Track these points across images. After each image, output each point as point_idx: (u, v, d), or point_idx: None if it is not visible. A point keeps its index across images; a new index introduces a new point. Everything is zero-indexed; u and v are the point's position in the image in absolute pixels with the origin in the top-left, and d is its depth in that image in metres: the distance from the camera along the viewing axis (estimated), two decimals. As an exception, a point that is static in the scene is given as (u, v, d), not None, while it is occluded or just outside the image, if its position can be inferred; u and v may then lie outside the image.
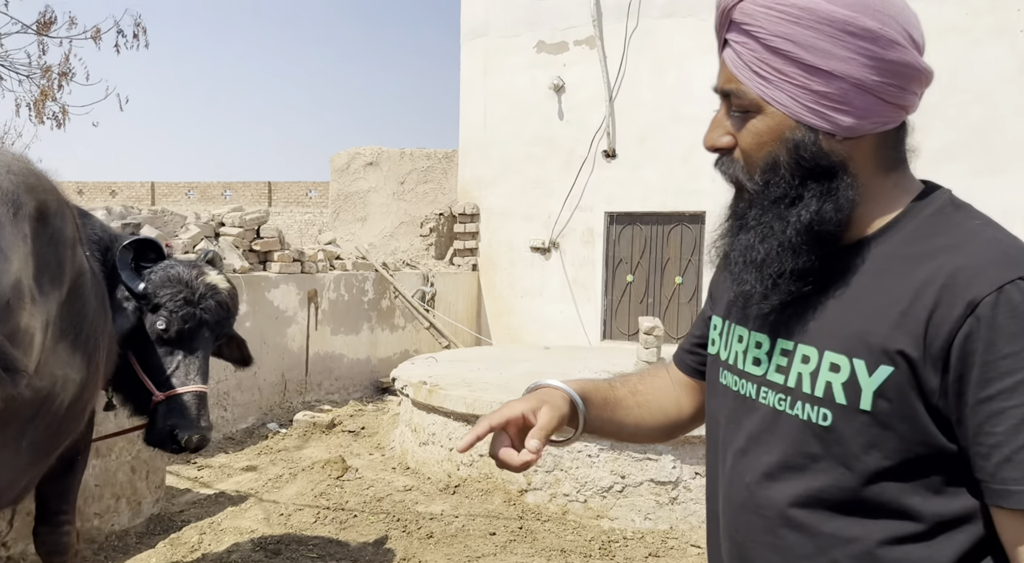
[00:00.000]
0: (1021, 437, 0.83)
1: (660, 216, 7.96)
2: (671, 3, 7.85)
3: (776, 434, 1.00)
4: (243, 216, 6.20)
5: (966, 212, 0.97)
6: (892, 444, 0.90)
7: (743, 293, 1.00)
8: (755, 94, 0.95)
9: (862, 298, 0.94)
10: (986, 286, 0.85)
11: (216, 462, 5.20)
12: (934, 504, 0.91)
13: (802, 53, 0.92)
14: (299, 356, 6.49)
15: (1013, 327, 0.84)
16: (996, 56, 6.65)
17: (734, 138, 0.99)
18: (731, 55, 0.98)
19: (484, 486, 4.55)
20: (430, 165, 9.67)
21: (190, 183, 24.64)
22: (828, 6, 0.90)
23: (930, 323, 0.87)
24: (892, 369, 0.89)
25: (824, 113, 0.93)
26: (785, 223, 0.95)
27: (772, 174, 0.96)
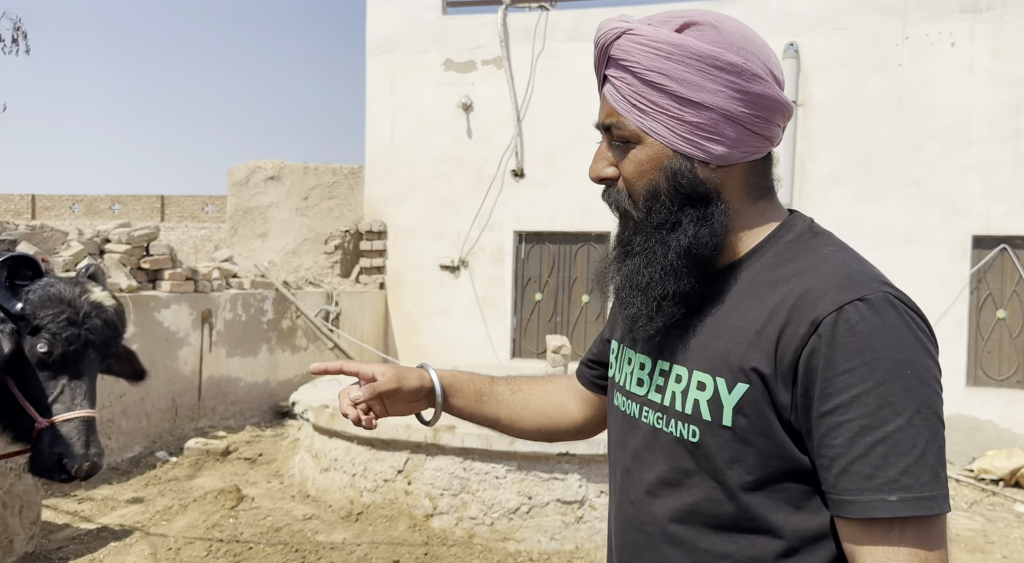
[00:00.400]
0: (856, 449, 0.87)
1: (568, 235, 8.05)
2: (575, 27, 8.00)
3: (655, 452, 1.05)
4: (131, 232, 5.85)
5: (823, 239, 1.03)
6: (752, 459, 0.95)
7: (630, 316, 1.05)
8: (634, 126, 1.01)
9: (726, 319, 1.00)
10: (828, 306, 0.91)
11: (99, 494, 4.84)
12: (795, 520, 0.95)
13: (675, 86, 0.98)
14: (191, 380, 6.16)
15: (850, 345, 0.88)
16: (878, 88, 7.08)
17: (617, 169, 1.05)
18: (611, 90, 1.03)
19: (388, 512, 4.41)
20: (335, 180, 9.45)
21: (75, 196, 23.24)
22: (697, 43, 0.97)
23: (780, 342, 0.93)
24: (748, 386, 0.95)
25: (698, 142, 0.99)
26: (667, 248, 1.00)
27: (653, 201, 1.02)
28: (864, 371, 0.88)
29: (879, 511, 0.87)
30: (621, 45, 1.00)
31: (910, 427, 0.87)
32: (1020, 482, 5.97)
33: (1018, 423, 6.65)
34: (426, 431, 4.35)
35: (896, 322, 0.90)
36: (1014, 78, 6.75)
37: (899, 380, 0.88)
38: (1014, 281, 6.82)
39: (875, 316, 0.89)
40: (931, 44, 6.96)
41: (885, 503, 0.87)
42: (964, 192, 6.86)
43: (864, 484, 0.87)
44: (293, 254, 9.24)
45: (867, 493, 0.87)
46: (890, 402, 0.87)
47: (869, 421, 0.87)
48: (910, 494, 0.86)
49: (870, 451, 0.87)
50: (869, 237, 6.99)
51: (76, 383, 2.37)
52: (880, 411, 0.87)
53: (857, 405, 0.88)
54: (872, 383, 0.88)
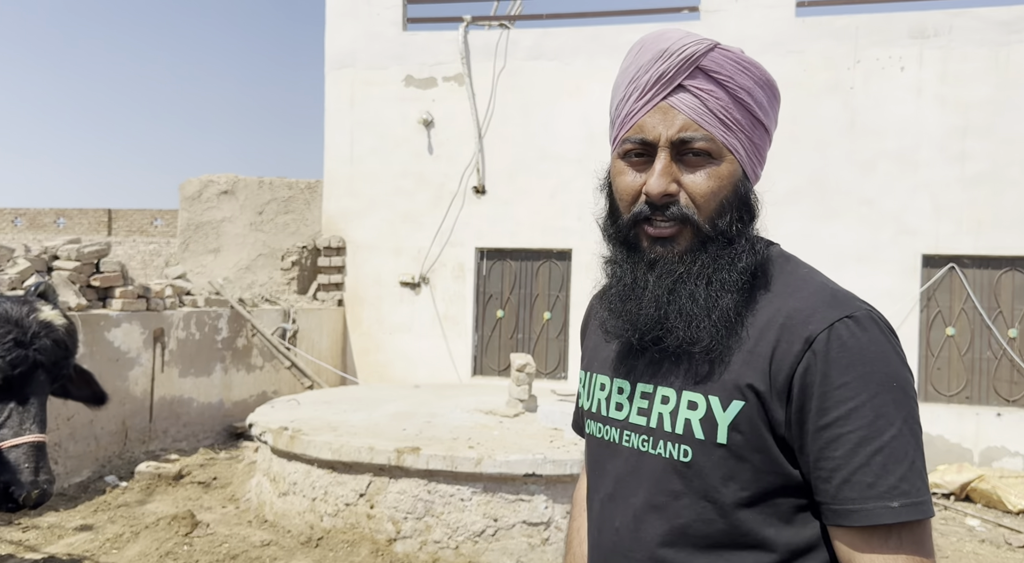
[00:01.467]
0: (857, 460, 0.91)
1: (529, 252, 8.04)
2: (536, 46, 8.04)
3: (640, 475, 1.04)
4: (80, 248, 5.65)
5: (795, 263, 1.08)
6: (747, 475, 0.97)
7: (687, 338, 1.01)
8: (721, 141, 1.00)
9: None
10: (820, 324, 0.95)
11: (44, 522, 4.62)
12: (787, 533, 0.97)
13: (755, 107, 1.02)
14: (142, 401, 5.95)
15: (844, 360, 0.93)
16: (831, 110, 7.26)
17: (679, 185, 1.01)
18: (693, 102, 1.00)
19: (350, 537, 4.30)
20: (291, 195, 9.29)
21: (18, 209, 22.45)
22: (764, 69, 1.04)
23: (773, 359, 0.96)
24: (743, 403, 0.97)
25: (756, 166, 1.05)
26: (732, 265, 1.01)
27: (723, 219, 1.02)
28: (859, 385, 0.92)
29: (884, 517, 0.90)
30: (715, 58, 1.00)
31: (901, 436, 0.91)
32: (970, 496, 6.12)
33: (967, 438, 6.83)
34: (389, 453, 4.27)
35: (880, 337, 0.95)
36: (960, 102, 6.99)
37: (889, 392, 0.92)
38: (962, 299, 7.04)
39: (863, 332, 0.94)
40: (881, 68, 7.18)
41: (888, 509, 0.90)
42: (914, 212, 7.06)
43: (867, 492, 0.90)
44: (247, 270, 9.04)
45: (871, 501, 0.90)
46: (884, 413, 0.91)
47: (867, 432, 0.91)
48: (909, 500, 0.90)
49: (870, 460, 0.90)
50: (822, 256, 7.14)
51: (24, 407, 2.26)
52: (876, 422, 0.91)
53: (855, 417, 0.91)
54: (867, 396, 0.91)
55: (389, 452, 4.26)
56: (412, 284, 8.26)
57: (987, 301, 6.98)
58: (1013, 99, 6.87)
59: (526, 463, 4.18)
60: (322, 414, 5.21)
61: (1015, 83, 6.88)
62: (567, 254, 7.89)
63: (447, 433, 4.69)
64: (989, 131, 6.92)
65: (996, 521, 5.58)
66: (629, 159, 1.04)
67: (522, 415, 5.33)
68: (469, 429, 4.83)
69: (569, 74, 7.89)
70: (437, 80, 8.29)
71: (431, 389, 6.73)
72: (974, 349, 7.00)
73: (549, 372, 7.96)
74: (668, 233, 1.02)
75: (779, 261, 1.07)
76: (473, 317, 8.13)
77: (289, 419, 4.99)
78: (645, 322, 1.02)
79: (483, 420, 5.15)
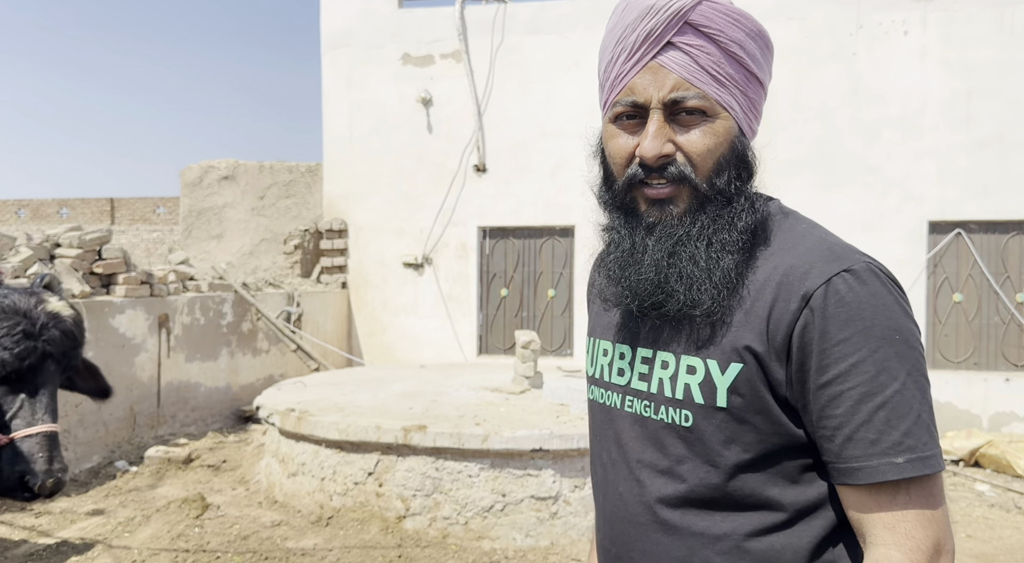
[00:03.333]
0: (859, 416, 0.89)
1: (532, 230, 8.00)
2: (534, 19, 7.95)
3: (643, 441, 1.04)
4: (82, 236, 5.64)
5: (794, 218, 1.05)
6: (749, 437, 0.95)
7: (690, 301, 0.98)
8: (715, 98, 0.97)
9: None
10: (817, 279, 0.92)
11: (57, 507, 4.65)
12: (792, 493, 0.96)
13: (748, 61, 0.98)
14: (150, 387, 5.97)
15: (842, 315, 0.90)
16: (834, 77, 7.17)
17: (674, 145, 0.98)
18: (683, 59, 0.96)
19: (359, 515, 4.32)
20: (292, 179, 9.26)
21: (20, 200, 22.47)
22: (755, 19, 1.00)
23: (771, 318, 0.94)
24: (742, 365, 0.95)
25: (752, 121, 1.02)
26: (732, 224, 0.98)
27: (721, 177, 0.99)
28: (858, 340, 0.89)
29: (888, 474, 0.88)
30: (703, 11, 0.96)
31: (905, 390, 0.89)
32: (979, 462, 6.11)
33: (976, 404, 6.81)
34: (396, 432, 4.28)
35: (881, 290, 0.92)
36: (965, 65, 6.89)
37: (891, 346, 0.90)
38: (969, 265, 6.99)
39: (862, 286, 0.91)
40: (884, 33, 7.07)
41: (893, 465, 0.88)
42: (919, 178, 6.99)
43: (871, 449, 0.89)
44: (250, 255, 9.04)
45: (875, 458, 0.88)
46: (886, 368, 0.89)
47: (869, 387, 0.89)
48: (914, 455, 0.88)
49: (873, 417, 0.88)
50: (828, 225, 6.97)
51: (35, 398, 2.29)
52: (878, 377, 0.89)
53: (855, 373, 0.89)
54: (867, 351, 0.89)
55: (396, 431, 4.27)
56: (415, 265, 8.25)
57: (994, 266, 6.93)
58: (1019, 61, 6.77)
59: (533, 438, 4.18)
60: (329, 395, 5.22)
61: (1021, 44, 6.77)
62: (570, 231, 7.85)
63: (453, 411, 4.70)
64: (995, 94, 6.83)
65: (1006, 486, 5.58)
66: (621, 122, 1.01)
67: (528, 392, 5.33)
68: (475, 406, 4.83)
69: (568, 48, 7.80)
70: (435, 58, 8.21)
71: (437, 369, 6.74)
72: (982, 315, 6.96)
73: (554, 349, 7.95)
74: (666, 193, 0.99)
75: (778, 217, 1.04)
76: (477, 296, 8.12)
77: (296, 401, 5.00)
78: (645, 288, 1.00)
79: (489, 397, 5.15)
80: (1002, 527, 4.78)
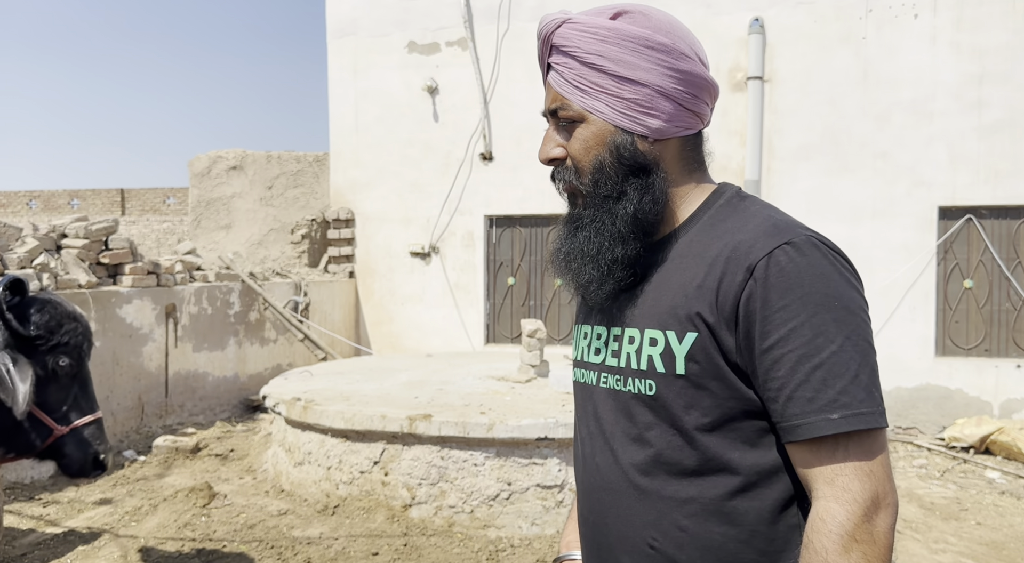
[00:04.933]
0: (797, 376, 0.96)
1: (538, 218, 7.97)
2: (540, 6, 7.88)
3: (616, 412, 1.12)
4: (88, 226, 5.65)
5: (750, 200, 1.13)
6: (707, 402, 1.03)
7: (582, 284, 1.13)
8: (579, 106, 1.10)
9: (670, 280, 1.09)
10: (760, 252, 1.00)
11: (64, 497, 4.69)
12: (752, 456, 1.03)
13: (612, 66, 1.08)
14: (157, 376, 5.99)
15: (782, 284, 0.97)
16: (843, 61, 7.08)
17: (565, 149, 1.14)
18: (555, 76, 1.13)
19: (365, 504, 4.33)
20: (300, 169, 9.25)
21: (32, 192, 22.59)
22: (629, 26, 1.08)
23: (720, 290, 1.01)
24: (696, 334, 1.03)
25: (636, 118, 1.09)
26: (614, 216, 1.10)
27: (599, 174, 1.10)
28: (796, 306, 0.96)
29: (825, 429, 0.94)
30: (562, 33, 1.11)
31: (843, 352, 0.95)
32: (990, 449, 6.07)
33: (986, 391, 6.75)
34: (402, 421, 4.28)
35: (821, 261, 0.99)
36: (976, 48, 6.79)
37: (828, 312, 0.96)
38: (980, 251, 6.91)
39: (801, 256, 0.98)
40: (894, 16, 6.97)
41: (828, 421, 0.94)
42: (929, 164, 6.90)
43: (808, 407, 0.95)
44: (259, 245, 9.05)
45: (811, 415, 0.95)
46: (823, 332, 0.95)
47: (806, 350, 0.96)
48: (849, 411, 0.94)
49: (810, 376, 0.95)
50: (838, 211, 7.02)
51: (84, 389, 2.54)
52: (815, 340, 0.95)
53: (794, 337, 0.96)
54: (805, 316, 0.96)
55: (401, 420, 4.27)
56: (422, 254, 8.24)
57: (1006, 252, 6.85)
58: (1032, 43, 6.65)
59: (538, 427, 4.18)
60: (335, 384, 5.22)
61: (1034, 26, 6.66)
62: (577, 218, 7.80)
63: (459, 400, 4.69)
64: (1006, 78, 6.72)
65: (1016, 473, 5.53)
66: None
67: (534, 380, 5.32)
68: (481, 395, 4.83)
69: (574, 34, 7.72)
70: (440, 45, 8.17)
71: (443, 358, 6.73)
72: (993, 301, 6.88)
73: (561, 338, 7.93)
74: (566, 190, 1.16)
75: (734, 200, 1.13)
76: (484, 285, 8.11)
77: (302, 390, 5.01)
78: (561, 271, 1.16)
79: (495, 386, 5.14)
80: (1013, 514, 4.75)
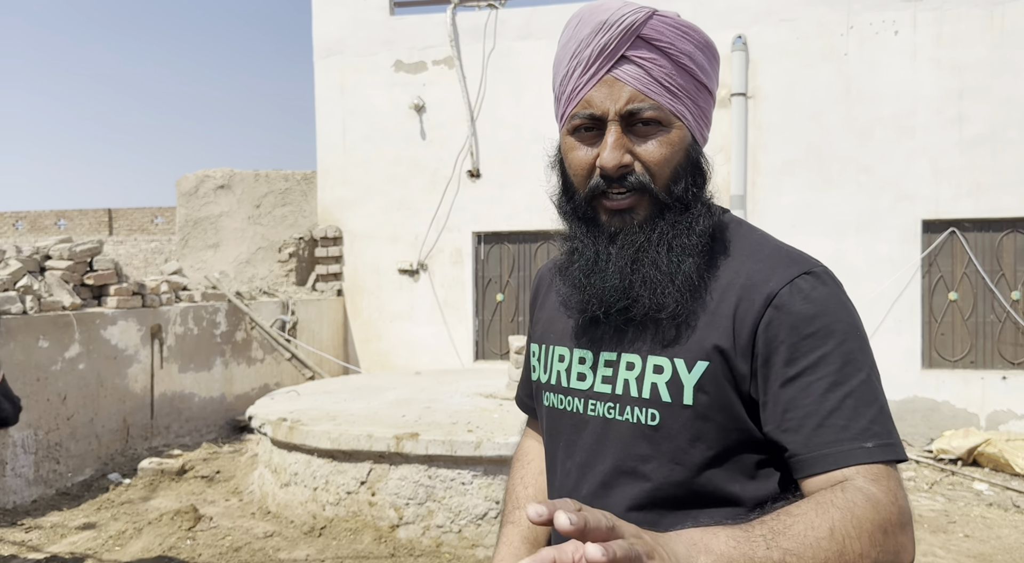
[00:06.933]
0: (828, 404, 0.92)
1: (527, 235, 7.99)
2: (526, 25, 7.95)
3: (608, 442, 1.04)
4: (72, 247, 5.62)
5: (747, 227, 1.10)
6: (713, 434, 0.98)
7: (654, 304, 1.01)
8: (668, 109, 1.00)
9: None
10: (780, 281, 0.97)
11: (48, 521, 4.63)
12: (751, 488, 0.99)
13: (698, 71, 1.02)
14: (143, 398, 5.95)
15: (808, 311, 0.95)
16: (826, 78, 7.16)
17: (632, 155, 1.01)
18: (637, 72, 1.00)
19: (352, 525, 4.30)
20: (288, 187, 9.25)
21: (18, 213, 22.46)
22: (703, 31, 1.04)
23: (736, 317, 0.98)
24: (708, 363, 0.98)
25: (703, 128, 1.05)
26: (691, 229, 1.02)
27: (678, 184, 1.02)
28: (825, 334, 0.94)
29: (859, 457, 0.89)
30: (654, 25, 1.00)
31: (869, 381, 0.94)
32: (977, 461, 6.08)
33: (973, 403, 6.79)
34: (388, 440, 4.25)
35: (837, 292, 0.99)
36: (956, 64, 6.88)
37: (855, 340, 0.95)
38: (964, 263, 6.96)
39: (823, 286, 0.97)
40: (875, 33, 7.06)
41: (864, 450, 0.90)
42: (912, 178, 6.97)
43: (842, 434, 0.90)
44: (247, 264, 9.02)
45: (845, 442, 0.90)
46: (851, 360, 0.94)
47: (837, 377, 0.92)
48: (881, 441, 0.91)
49: (842, 404, 0.91)
50: (822, 225, 7.07)
51: None
52: (845, 368, 0.93)
53: (824, 364, 0.93)
54: (834, 344, 0.94)
55: (388, 439, 4.25)
56: (410, 271, 8.23)
57: (989, 264, 6.91)
58: (1010, 59, 6.76)
59: (525, 445, 4.16)
60: (321, 404, 5.20)
61: (1011, 42, 6.76)
62: (564, 235, 7.82)
63: (446, 418, 4.67)
64: (986, 92, 6.81)
65: (1004, 484, 5.55)
66: (579, 134, 1.04)
67: (522, 397, 5.30)
68: (468, 413, 4.81)
69: (559, 52, 7.78)
70: (427, 64, 8.21)
71: (432, 375, 6.71)
72: (977, 313, 6.93)
73: (551, 354, 7.92)
74: (626, 204, 1.02)
75: (733, 226, 1.09)
76: (473, 302, 8.10)
77: (288, 410, 4.98)
78: (611, 294, 1.03)
79: (483, 403, 5.13)
80: (1000, 526, 4.75)
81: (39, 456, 5.05)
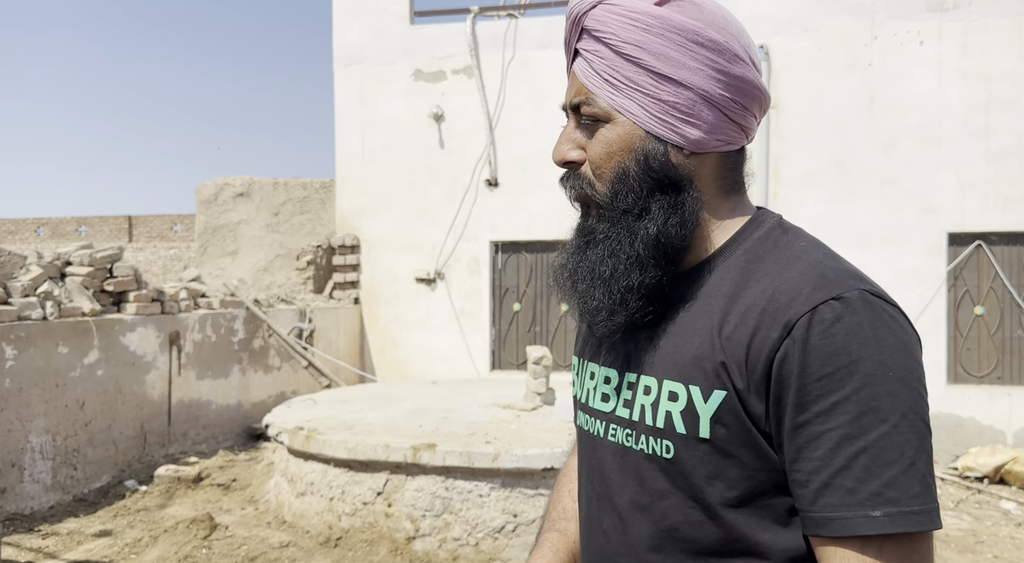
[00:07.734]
0: (837, 461, 0.80)
1: (544, 244, 7.95)
2: (546, 34, 7.93)
3: (625, 473, 0.96)
4: (93, 254, 5.64)
5: (793, 234, 0.96)
6: (734, 472, 0.87)
7: (589, 310, 0.96)
8: (606, 103, 0.93)
9: (695, 323, 0.92)
10: (802, 307, 0.83)
11: (64, 528, 4.62)
12: (783, 539, 0.87)
13: (653, 61, 0.91)
14: (160, 405, 5.95)
15: (826, 348, 0.81)
16: (849, 88, 7.08)
17: (584, 152, 0.96)
18: (582, 65, 0.96)
19: (368, 536, 4.25)
20: (306, 195, 9.27)
21: (40, 219, 22.73)
22: (678, 16, 0.91)
23: (751, 347, 0.85)
24: (725, 393, 0.87)
25: (673, 125, 0.92)
26: (634, 236, 0.93)
27: (620, 185, 0.93)
28: (842, 376, 0.80)
29: (862, 528, 0.79)
30: (596, 15, 0.93)
31: (896, 434, 0.79)
32: (1004, 478, 5.95)
33: (1000, 419, 6.65)
34: (405, 450, 4.21)
35: (874, 321, 0.82)
36: (983, 75, 6.78)
37: (881, 384, 0.80)
38: (990, 277, 6.84)
39: (852, 316, 0.82)
40: (900, 43, 6.98)
41: (869, 519, 0.78)
42: (938, 190, 6.87)
43: (847, 499, 0.79)
44: (265, 271, 9.04)
45: (850, 509, 0.79)
46: (872, 407, 0.79)
47: (850, 430, 0.79)
48: (896, 508, 0.78)
49: (852, 462, 0.79)
50: (845, 237, 6.97)
51: None
52: (861, 418, 0.79)
53: (836, 413, 0.80)
54: (851, 388, 0.80)
55: (405, 449, 4.21)
56: (428, 280, 8.21)
57: (1016, 278, 6.78)
58: (1038, 69, 6.65)
59: (544, 457, 4.11)
60: (338, 413, 5.17)
61: (1040, 53, 6.65)
62: (583, 245, 7.77)
63: (464, 429, 4.63)
64: (1014, 104, 6.71)
65: (1033, 505, 5.41)
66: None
67: (540, 408, 5.25)
68: (486, 424, 4.76)
69: (579, 62, 7.76)
70: (446, 73, 8.21)
71: (448, 385, 6.67)
72: (1004, 328, 6.80)
73: (567, 364, 7.86)
74: (576, 197, 0.99)
75: (774, 233, 0.95)
76: (490, 311, 8.06)
77: (305, 419, 4.95)
78: (568, 295, 0.99)
79: (500, 414, 5.08)
80: (1030, 548, 4.63)
81: (57, 462, 5.06)
